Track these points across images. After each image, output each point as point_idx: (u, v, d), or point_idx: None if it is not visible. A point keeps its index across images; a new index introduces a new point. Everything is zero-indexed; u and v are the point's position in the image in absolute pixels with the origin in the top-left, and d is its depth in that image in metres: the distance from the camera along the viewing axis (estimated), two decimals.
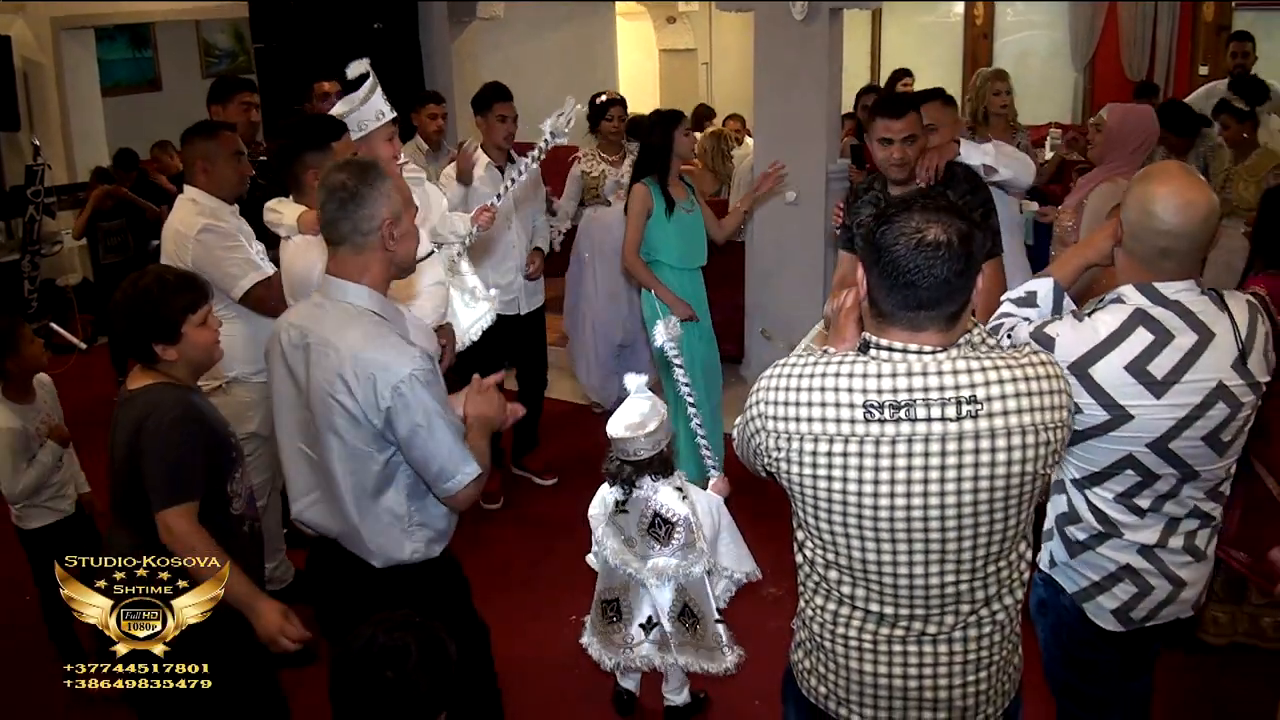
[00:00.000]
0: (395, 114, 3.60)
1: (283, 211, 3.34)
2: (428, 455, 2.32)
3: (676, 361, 3.23)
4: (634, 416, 3.02)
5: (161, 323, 2.50)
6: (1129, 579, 2.24)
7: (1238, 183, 4.94)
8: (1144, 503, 2.20)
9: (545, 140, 3.90)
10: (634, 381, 3.08)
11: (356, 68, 3.56)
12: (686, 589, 3.10)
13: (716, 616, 3.11)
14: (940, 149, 3.73)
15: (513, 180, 4.11)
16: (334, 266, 2.37)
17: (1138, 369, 2.08)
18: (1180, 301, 2.12)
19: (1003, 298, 2.36)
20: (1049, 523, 2.36)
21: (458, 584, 2.66)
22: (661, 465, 3.04)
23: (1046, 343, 2.12)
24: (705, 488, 3.29)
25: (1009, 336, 2.24)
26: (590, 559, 3.34)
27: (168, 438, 2.45)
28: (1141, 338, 2.09)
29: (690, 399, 3.30)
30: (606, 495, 3.17)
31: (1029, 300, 2.32)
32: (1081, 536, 2.27)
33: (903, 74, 7.36)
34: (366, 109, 3.51)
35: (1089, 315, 2.17)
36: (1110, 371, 2.08)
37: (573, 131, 3.99)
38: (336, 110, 3.52)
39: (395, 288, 2.57)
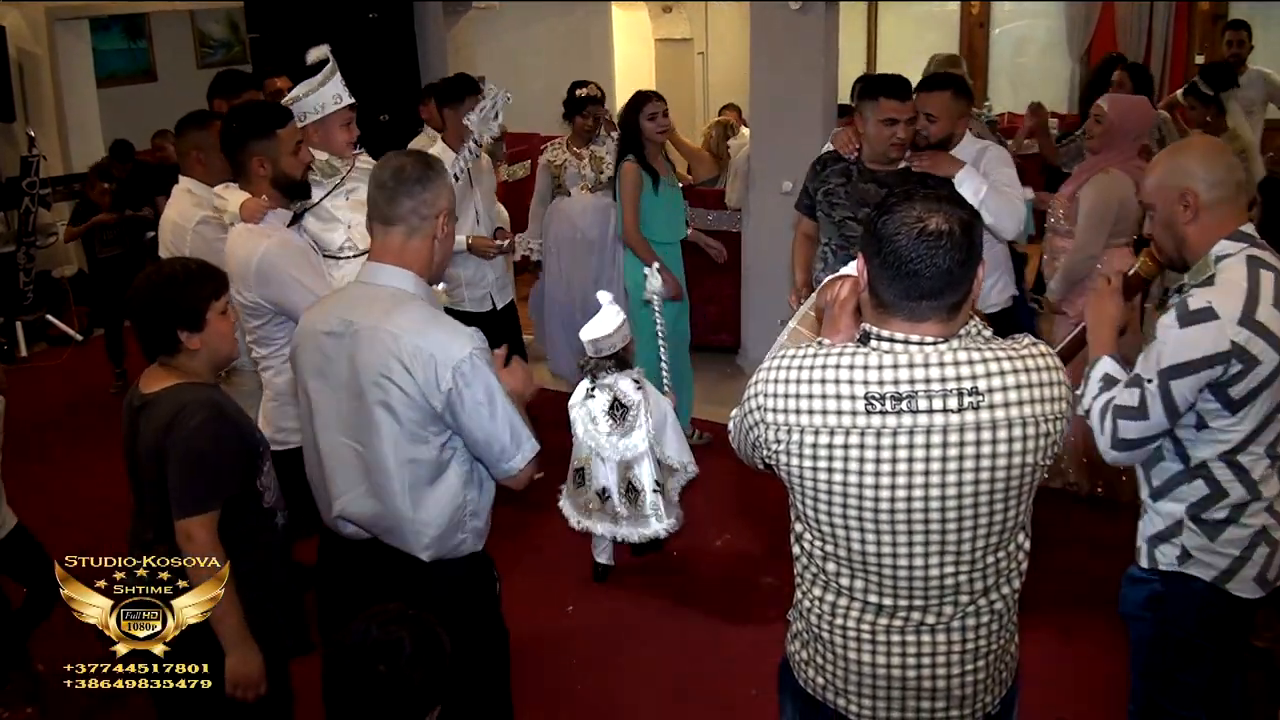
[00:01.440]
0: (354, 100, 3.58)
1: (227, 198, 3.33)
2: (491, 434, 2.30)
3: (657, 308, 4.15)
4: (603, 321, 3.80)
5: (187, 309, 2.45)
6: (1263, 542, 2.34)
7: None
8: None
9: (473, 142, 3.82)
10: (605, 297, 3.85)
11: (316, 53, 3.54)
12: (631, 465, 3.83)
13: (654, 488, 3.84)
14: (940, 158, 3.67)
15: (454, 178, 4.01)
16: (380, 252, 2.36)
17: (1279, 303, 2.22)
18: (1260, 237, 2.30)
19: (1083, 395, 2.39)
20: (1165, 523, 2.38)
21: (493, 583, 2.60)
22: (620, 362, 3.86)
23: (1205, 316, 2.20)
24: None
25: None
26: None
27: (193, 443, 2.38)
28: (1269, 276, 2.24)
29: (662, 334, 4.21)
30: (578, 389, 3.95)
31: (1110, 381, 2.37)
32: (1222, 515, 2.33)
33: (1118, 60, 6.81)
34: (324, 92, 3.50)
35: (1211, 279, 2.27)
36: (1270, 313, 2.21)
37: (553, 121, 3.91)
38: (293, 94, 3.51)
39: None
